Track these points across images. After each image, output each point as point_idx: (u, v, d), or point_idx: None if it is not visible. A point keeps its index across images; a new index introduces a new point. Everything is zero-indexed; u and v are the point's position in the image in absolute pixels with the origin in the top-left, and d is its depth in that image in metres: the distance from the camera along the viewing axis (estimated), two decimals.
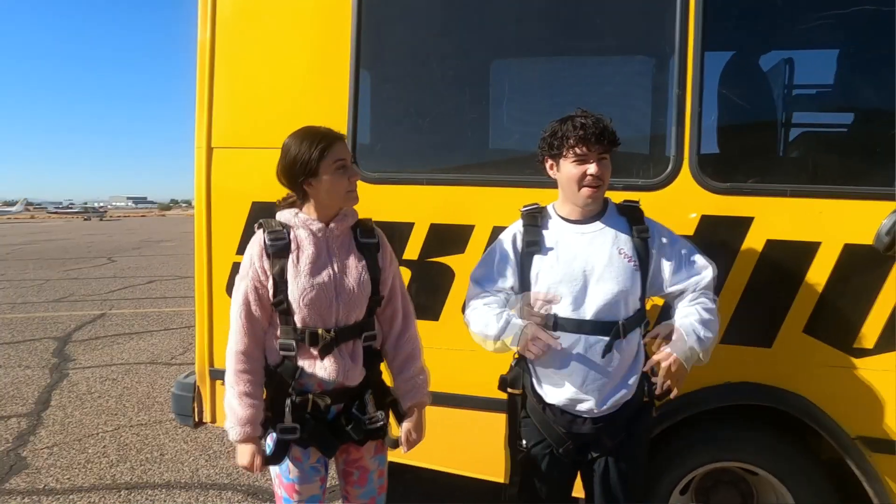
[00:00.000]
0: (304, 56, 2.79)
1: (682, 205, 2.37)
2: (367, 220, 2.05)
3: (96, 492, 3.67)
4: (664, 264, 2.03)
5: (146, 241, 26.35)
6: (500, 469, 2.21)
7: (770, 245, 2.32)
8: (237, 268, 1.97)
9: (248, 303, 1.90)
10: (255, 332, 1.91)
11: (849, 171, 2.52)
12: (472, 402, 2.58)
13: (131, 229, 39.19)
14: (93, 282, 12.61)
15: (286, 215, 1.95)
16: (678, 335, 1.97)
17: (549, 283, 1.99)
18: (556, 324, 1.98)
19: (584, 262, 1.97)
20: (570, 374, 1.96)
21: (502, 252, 2.10)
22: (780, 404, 2.37)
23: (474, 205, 2.59)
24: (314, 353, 1.90)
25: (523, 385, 2.09)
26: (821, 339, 2.32)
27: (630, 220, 2.03)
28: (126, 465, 4.03)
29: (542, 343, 1.93)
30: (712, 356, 2.40)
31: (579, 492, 2.16)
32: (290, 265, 1.88)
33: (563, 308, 1.97)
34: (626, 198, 2.11)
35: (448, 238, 2.60)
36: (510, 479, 2.13)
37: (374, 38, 2.74)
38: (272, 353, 1.94)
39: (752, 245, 2.34)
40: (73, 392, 5.49)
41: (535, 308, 2.01)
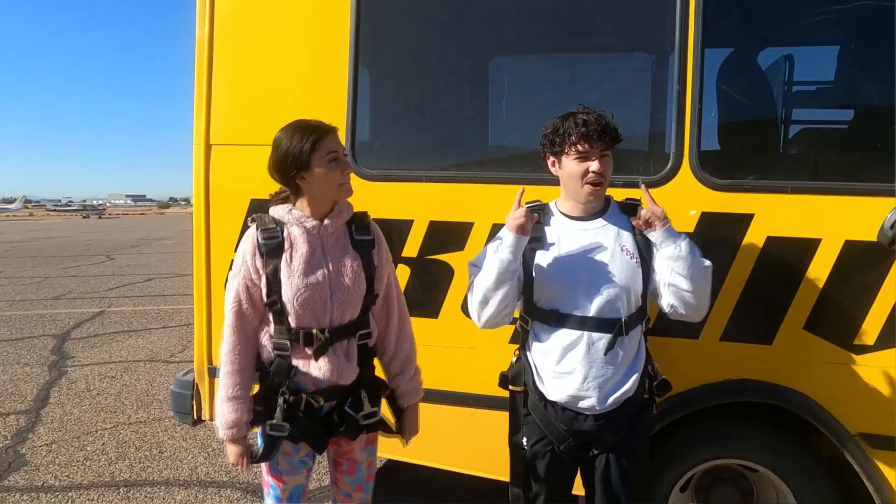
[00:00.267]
0: (303, 53, 2.77)
1: (683, 201, 2.36)
2: (362, 213, 2.02)
3: (95, 489, 3.67)
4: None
5: (145, 238, 26.34)
6: (500, 467, 2.20)
7: (770, 242, 2.32)
8: None
9: (239, 301, 1.88)
10: (245, 330, 1.90)
11: (849, 167, 2.51)
12: (472, 399, 2.58)
13: (130, 227, 39.20)
14: (91, 279, 12.60)
15: (279, 211, 1.91)
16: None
17: (550, 279, 1.99)
18: (558, 320, 1.97)
19: (587, 259, 1.96)
20: (571, 371, 1.95)
21: None
22: (781, 401, 2.36)
23: (473, 202, 2.58)
24: (308, 352, 1.88)
25: (524, 382, 2.08)
26: (821, 336, 2.31)
27: (632, 217, 2.02)
28: (125, 462, 4.03)
29: (522, 210, 1.93)
30: (712, 354, 2.40)
31: (579, 490, 2.16)
32: (283, 264, 1.85)
33: (565, 305, 1.97)
34: (626, 195, 2.11)
35: (447, 235, 2.59)
36: (513, 477, 2.13)
37: (373, 35, 2.73)
38: (265, 351, 1.93)
39: (752, 242, 2.33)
40: (72, 389, 5.49)
41: (539, 304, 2.01)
